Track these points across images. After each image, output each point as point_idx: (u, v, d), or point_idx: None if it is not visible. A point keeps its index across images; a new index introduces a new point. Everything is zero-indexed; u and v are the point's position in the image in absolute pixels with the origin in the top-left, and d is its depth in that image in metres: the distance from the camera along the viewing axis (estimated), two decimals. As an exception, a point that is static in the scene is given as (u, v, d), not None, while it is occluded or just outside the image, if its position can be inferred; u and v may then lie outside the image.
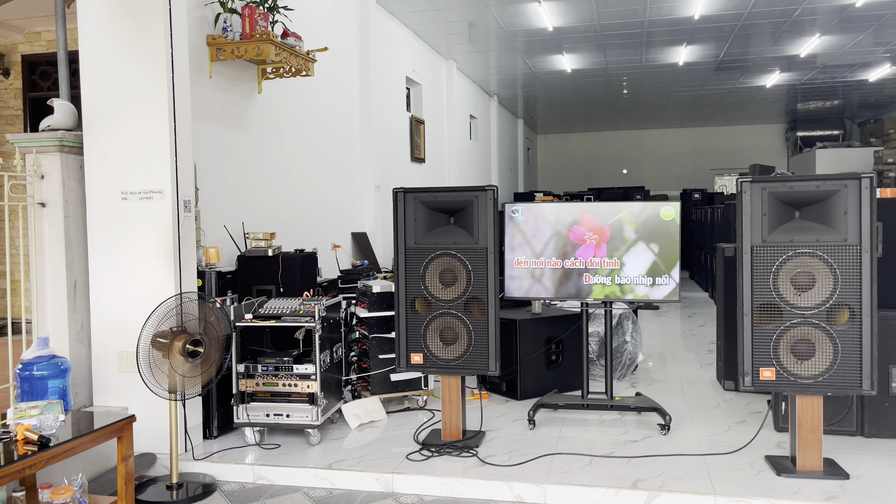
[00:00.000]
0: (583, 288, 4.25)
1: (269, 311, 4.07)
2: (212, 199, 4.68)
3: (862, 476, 3.36)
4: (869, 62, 11.91)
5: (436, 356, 3.93)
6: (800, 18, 9.05)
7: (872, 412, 3.85)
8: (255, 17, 4.71)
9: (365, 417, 4.39)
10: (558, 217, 4.28)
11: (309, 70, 5.30)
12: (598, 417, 4.43)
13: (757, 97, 15.47)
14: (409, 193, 3.97)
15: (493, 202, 3.86)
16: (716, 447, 3.81)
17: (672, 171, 20.50)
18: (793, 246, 3.32)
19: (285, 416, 3.99)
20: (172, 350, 3.25)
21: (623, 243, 4.22)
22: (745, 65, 12.03)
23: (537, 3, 8.23)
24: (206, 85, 4.66)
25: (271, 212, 5.47)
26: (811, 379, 3.31)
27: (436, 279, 3.93)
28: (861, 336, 3.24)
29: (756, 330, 3.37)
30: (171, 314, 3.34)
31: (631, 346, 5.46)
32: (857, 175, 3.22)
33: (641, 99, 15.54)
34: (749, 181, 3.37)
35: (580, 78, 12.95)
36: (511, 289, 4.33)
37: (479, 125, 13.30)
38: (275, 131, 5.58)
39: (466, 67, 11.78)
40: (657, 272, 4.18)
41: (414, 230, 3.95)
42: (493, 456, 3.77)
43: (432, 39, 9.85)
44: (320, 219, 6.34)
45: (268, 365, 4.02)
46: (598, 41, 10.15)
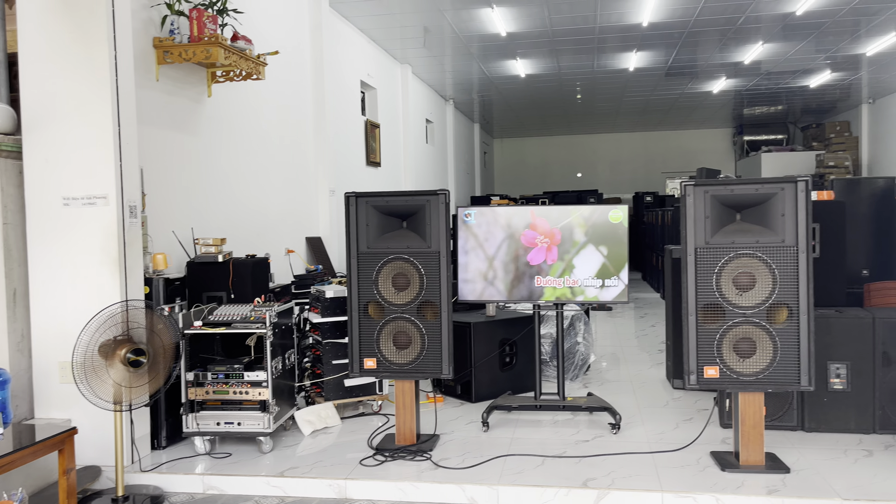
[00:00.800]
0: (534, 290, 4.30)
1: (219, 318, 4.01)
2: (160, 204, 4.59)
3: (802, 469, 3.47)
4: (810, 69, 12.33)
5: (389, 361, 3.93)
6: (744, 26, 9.32)
7: (812, 407, 3.98)
8: (204, 20, 4.64)
9: (319, 424, 4.36)
10: (510, 221, 4.32)
11: (260, 74, 5.25)
12: (551, 418, 4.48)
13: (705, 102, 15.87)
14: (361, 198, 3.96)
15: (446, 206, 3.88)
16: (664, 445, 3.90)
17: (625, 175, 20.86)
18: (734, 247, 3.42)
19: (236, 424, 3.94)
20: (114, 359, 3.18)
21: (573, 246, 4.29)
22: (693, 71, 12.33)
23: (490, 9, 8.31)
24: (152, 88, 4.58)
25: (223, 217, 5.40)
26: (752, 376, 3.41)
27: (389, 283, 3.93)
28: (799, 334, 3.36)
29: (700, 329, 3.46)
30: (114, 322, 3.27)
31: (583, 346, 5.54)
32: (794, 179, 3.34)
33: (594, 104, 15.79)
34: (692, 185, 3.47)
35: (534, 83, 13.10)
36: (464, 292, 4.36)
37: (435, 129, 13.33)
38: (226, 135, 5.51)
39: (422, 72, 11.80)
40: (606, 274, 4.25)
41: (366, 234, 3.95)
42: (446, 459, 3.79)
43: (387, 44, 9.85)
44: (274, 224, 6.27)
45: (218, 372, 3.96)
46: (551, 47, 10.29)
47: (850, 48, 10.74)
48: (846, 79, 13.27)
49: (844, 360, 3.92)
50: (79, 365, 3.21)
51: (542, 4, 8.19)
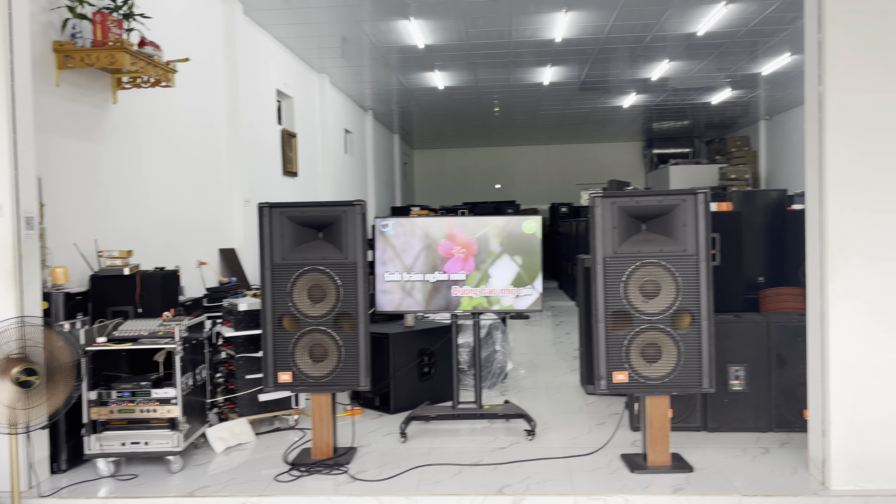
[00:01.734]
0: (452, 300, 4.34)
1: (124, 334, 3.85)
2: (60, 215, 4.37)
3: (705, 468, 3.64)
4: (712, 86, 13.00)
5: (305, 374, 3.87)
6: (651, 45, 9.75)
7: (714, 408, 4.18)
8: (108, 24, 4.47)
9: (232, 440, 4.25)
10: (427, 231, 4.35)
11: (169, 81, 5.09)
12: (469, 426, 4.52)
13: (616, 117, 16.46)
14: (275, 208, 3.90)
15: (362, 217, 3.87)
16: (577, 449, 4.00)
17: (542, 186, 21.33)
18: (640, 256, 3.57)
19: (143, 444, 3.78)
20: (5, 378, 3.00)
21: (489, 256, 4.35)
22: (605, 86, 12.77)
23: (407, 21, 8.36)
24: (52, 94, 4.37)
25: (130, 228, 5.19)
26: (658, 380, 3.56)
27: (304, 295, 3.88)
28: (700, 338, 3.53)
29: (610, 336, 3.58)
30: (5, 340, 3.08)
31: (501, 355, 5.62)
32: (694, 191, 3.51)
33: (512, 116, 16.10)
34: (601, 196, 3.59)
35: (453, 95, 13.25)
36: (382, 303, 4.35)
37: (354, 139, 13.26)
38: (133, 143, 5.30)
39: (340, 81, 11.73)
40: (521, 283, 4.34)
41: (281, 246, 3.89)
42: (364, 471, 3.76)
43: (304, 53, 9.75)
44: (185, 235, 6.08)
45: (123, 390, 3.80)
46: (468, 60, 10.44)
47: (748, 67, 11.40)
48: (745, 96, 14.06)
49: (743, 362, 4.14)
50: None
51: (459, 18, 8.32)
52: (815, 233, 3.40)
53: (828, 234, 3.31)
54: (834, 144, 3.32)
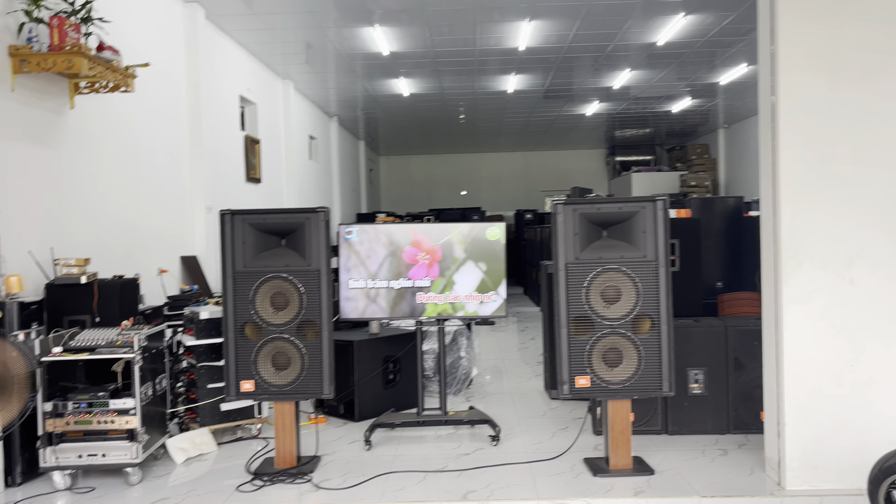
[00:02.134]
0: (416, 307, 4.35)
1: (81, 344, 3.77)
2: (14, 222, 4.27)
3: (666, 471, 3.70)
4: (672, 95, 13.25)
5: (268, 382, 3.84)
6: (613, 54, 9.90)
7: (674, 411, 4.26)
8: (66, 28, 4.39)
9: (193, 451, 4.18)
10: (392, 238, 4.36)
11: (129, 86, 5.01)
12: (434, 433, 4.52)
13: (580, 124, 16.67)
14: (237, 215, 3.87)
15: (325, 224, 3.86)
16: (541, 454, 4.03)
17: (507, 193, 21.48)
18: (601, 262, 3.62)
19: (101, 456, 3.70)
20: None
21: (454, 263, 4.37)
22: (568, 94, 12.93)
23: (372, 28, 8.36)
24: (7, 98, 4.27)
25: (89, 236, 5.08)
26: (620, 384, 3.61)
27: (267, 303, 3.85)
28: (660, 343, 3.59)
29: (572, 341, 3.62)
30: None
31: (466, 361, 5.64)
32: (653, 198, 3.58)
33: (477, 124, 16.19)
34: (563, 203, 3.64)
35: (418, 102, 13.27)
36: (346, 310, 4.34)
37: (318, 146, 13.19)
38: (92, 149, 5.21)
39: (305, 87, 11.67)
40: (486, 289, 4.37)
41: (243, 253, 3.85)
42: (327, 480, 3.73)
43: (268, 59, 9.68)
44: (145, 242, 5.98)
45: (80, 401, 3.72)
46: (433, 67, 10.48)
47: (706, 77, 11.65)
48: (704, 105, 14.36)
49: (702, 366, 4.22)
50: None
51: (424, 26, 8.35)
52: (770, 239, 3.49)
53: (781, 240, 3.40)
54: (786, 153, 3.41)
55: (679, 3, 7.76)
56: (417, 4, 7.59)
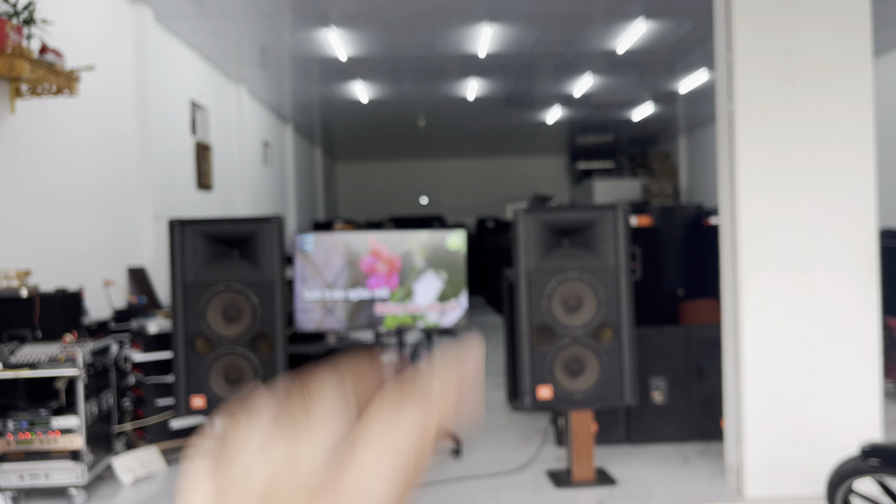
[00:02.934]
0: (375, 318, 4.24)
1: (22, 360, 3.58)
2: (-52, 232, 4.04)
3: (628, 481, 3.66)
4: (633, 102, 13.40)
5: (220, 397, 3.68)
6: (574, 60, 9.95)
7: (637, 421, 4.23)
8: (7, 31, 4.18)
9: (141, 471, 4.00)
10: (349, 247, 4.24)
11: (72, 90, 4.81)
12: (393, 447, 4.42)
13: (541, 131, 16.76)
14: (187, 224, 3.72)
15: (279, 233, 3.73)
16: (502, 466, 3.96)
17: (468, 200, 21.46)
18: (562, 271, 3.57)
19: (44, 477, 3.51)
20: None
21: (413, 272, 4.28)
22: (530, 100, 12.97)
23: (329, 30, 8.24)
24: (-61, 102, 4.05)
25: (30, 246, 4.85)
26: (582, 394, 3.56)
27: (218, 315, 3.70)
28: (622, 352, 3.56)
29: (534, 350, 3.56)
30: None
31: (426, 371, 5.55)
32: (613, 206, 3.55)
33: (438, 130, 16.15)
34: (523, 212, 3.59)
35: (377, 108, 13.16)
36: (302, 322, 4.20)
37: (273, 152, 12.97)
38: (33, 156, 4.98)
39: (259, 92, 11.46)
40: (446, 298, 4.28)
41: (193, 263, 3.70)
42: (283, 499, 3.60)
43: (221, 62, 9.47)
44: (90, 253, 5.74)
45: (21, 420, 3.52)
46: (392, 73, 10.39)
47: (667, 84, 11.80)
48: (665, 112, 14.56)
49: (664, 374, 4.21)
50: None
51: (382, 29, 8.26)
52: (729, 246, 3.49)
53: (740, 247, 3.40)
54: (744, 161, 3.42)
55: (638, 10, 7.82)
56: (375, 7, 7.50)
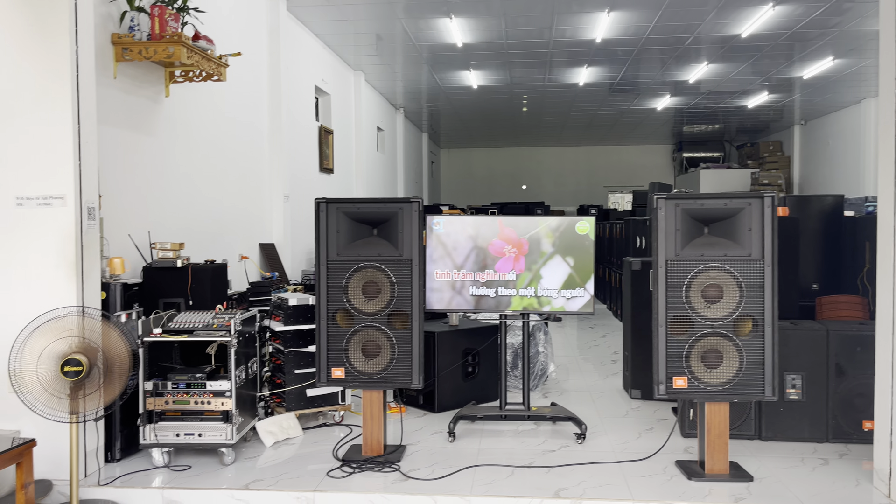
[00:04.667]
0: (502, 300, 4.31)
1: (180, 325, 3.87)
2: (115, 206, 4.41)
3: (765, 478, 3.58)
4: (748, 90, 12.85)
5: (358, 370, 3.86)
6: (691, 46, 9.65)
7: (769, 417, 4.11)
8: (166, 18, 4.50)
9: (280, 435, 4.25)
10: (478, 230, 4.33)
11: (221, 75, 5.11)
12: (514, 428, 4.49)
13: (648, 119, 16.33)
14: (331, 204, 3.90)
15: (419, 214, 3.85)
16: (629, 454, 3.95)
17: (568, 188, 21.24)
18: (703, 260, 3.51)
19: (197, 436, 3.79)
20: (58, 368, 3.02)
21: (540, 256, 4.32)
22: (640, 87, 12.67)
23: (448, 19, 8.34)
24: (109, 86, 4.40)
25: (178, 221, 5.22)
26: (719, 386, 3.50)
27: (359, 291, 3.87)
28: (764, 345, 3.46)
29: (670, 340, 3.53)
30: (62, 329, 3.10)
31: (543, 356, 5.58)
32: (761, 195, 3.45)
33: (542, 117, 16.04)
34: (664, 198, 3.54)
35: (485, 94, 13.22)
36: (431, 301, 4.33)
37: (385, 137, 13.28)
38: (182, 137, 5.34)
39: (374, 79, 11.75)
40: (573, 284, 4.30)
41: (336, 241, 3.88)
42: (415, 470, 3.74)
43: (341, 50, 9.77)
44: (228, 229, 6.11)
45: (179, 382, 3.81)
46: (504, 59, 10.40)
47: (786, 71, 11.25)
48: (781, 100, 13.88)
49: (800, 370, 4.06)
50: (22, 373, 3.02)
51: (500, 16, 8.28)
52: (889, 240, 3.32)
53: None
54: (908, 150, 3.24)
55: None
56: (496, -5, 7.54)
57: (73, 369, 3.05)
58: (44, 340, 3.08)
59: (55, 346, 3.07)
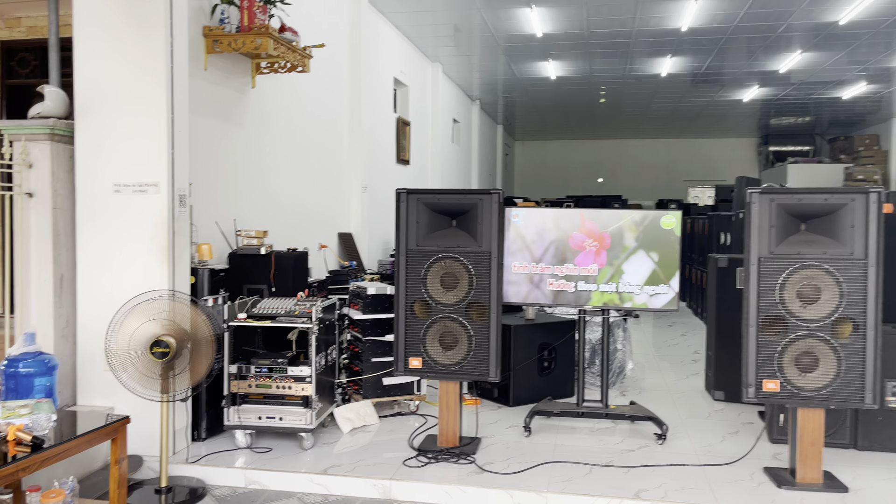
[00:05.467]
0: (581, 295, 4.23)
1: (263, 311, 3.96)
2: (203, 194, 4.55)
3: (860, 489, 3.38)
4: (843, 80, 12.17)
5: (435, 361, 3.86)
6: (783, 34, 9.20)
7: (866, 425, 3.88)
8: (254, 10, 4.60)
9: (357, 422, 4.31)
10: (558, 223, 4.25)
11: (305, 66, 5.20)
12: (591, 425, 4.40)
13: (733, 111, 15.71)
14: (412, 194, 3.90)
15: (499, 206, 3.81)
16: (713, 458, 3.81)
17: (646, 182, 20.71)
18: (799, 258, 3.34)
19: (278, 419, 3.88)
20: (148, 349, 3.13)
21: (623, 251, 4.21)
22: (725, 78, 12.19)
23: (528, 9, 8.23)
24: (200, 77, 4.54)
25: (261, 209, 5.35)
26: (814, 392, 3.32)
27: (437, 282, 3.86)
28: (865, 350, 3.26)
29: (761, 341, 3.37)
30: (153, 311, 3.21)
31: (621, 353, 5.46)
32: (866, 190, 3.25)
33: (621, 109, 15.67)
34: (758, 192, 3.38)
35: (563, 85, 13.01)
36: (509, 294, 4.28)
37: (461, 129, 13.27)
38: (266, 127, 5.46)
39: (451, 71, 11.74)
40: (656, 281, 4.17)
41: (416, 232, 3.88)
42: (490, 463, 3.72)
43: (420, 41, 9.80)
44: (307, 218, 6.23)
45: (262, 366, 3.91)
46: (585, 49, 10.20)
47: (885, 61, 10.59)
48: (879, 92, 13.10)
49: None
50: (117, 352, 3.15)
51: (582, 6, 8.11)
52: None
53: None
54: None
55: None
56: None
57: (161, 350, 3.16)
58: (136, 321, 3.20)
59: (146, 328, 3.19)
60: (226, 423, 3.90)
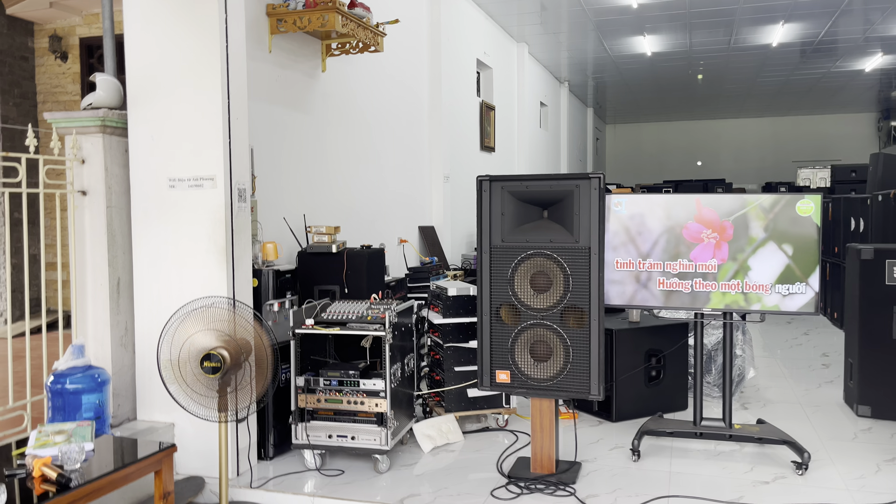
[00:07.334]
0: (698, 296, 3.58)
1: (332, 317, 3.54)
2: (270, 187, 4.19)
3: None
4: None
5: (525, 374, 3.33)
6: (920, -10, 8.05)
7: None
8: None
9: (439, 440, 3.84)
10: (669, 211, 3.62)
11: (378, 45, 4.76)
12: (711, 448, 3.76)
13: (851, 83, 14.26)
14: (495, 181, 3.37)
15: (599, 193, 3.22)
16: (870, 494, 3.11)
17: (751, 164, 19.30)
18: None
19: (350, 439, 3.46)
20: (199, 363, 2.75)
21: (749, 243, 3.53)
22: (843, 46, 10.96)
23: (623, -24, 7.51)
24: (264, 60, 4.17)
25: (334, 203, 4.96)
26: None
27: (526, 283, 3.32)
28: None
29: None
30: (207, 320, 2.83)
31: (741, 360, 4.75)
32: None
33: (722, 85, 14.52)
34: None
35: (659, 61, 12.09)
36: (611, 295, 3.69)
37: (549, 113, 12.59)
38: (339, 114, 5.06)
39: (538, 51, 11.09)
40: (790, 278, 3.48)
41: (501, 225, 3.35)
42: (594, 496, 3.16)
43: (503, 20, 9.21)
44: (386, 211, 5.81)
45: (331, 379, 3.50)
46: (685, 20, 9.33)
47: None
48: None
49: None
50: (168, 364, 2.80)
51: (683, -31, 7.31)
52: None
53: None
54: None
55: None
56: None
57: (212, 365, 2.78)
58: (189, 330, 2.84)
59: (199, 338, 2.83)
60: (294, 442, 3.51)
